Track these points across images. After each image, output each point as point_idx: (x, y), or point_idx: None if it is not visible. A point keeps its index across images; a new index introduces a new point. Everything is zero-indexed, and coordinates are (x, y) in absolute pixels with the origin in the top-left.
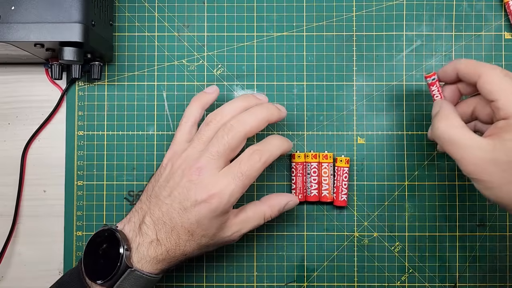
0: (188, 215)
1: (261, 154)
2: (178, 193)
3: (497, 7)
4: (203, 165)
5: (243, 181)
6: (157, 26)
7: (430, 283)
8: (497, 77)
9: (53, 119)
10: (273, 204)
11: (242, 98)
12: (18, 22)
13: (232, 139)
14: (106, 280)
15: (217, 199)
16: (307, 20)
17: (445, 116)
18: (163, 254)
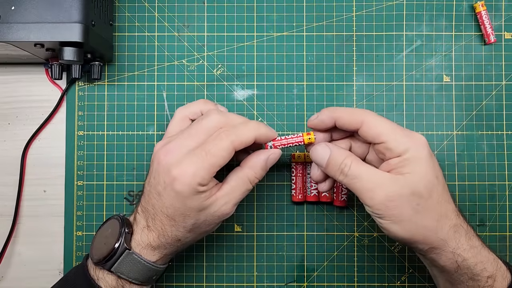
0: (163, 199)
1: (228, 133)
2: (153, 177)
3: (497, 7)
4: (171, 147)
5: (207, 160)
6: (157, 26)
7: (430, 283)
8: (380, 122)
9: (53, 119)
10: (253, 164)
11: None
12: (18, 22)
13: (207, 120)
14: (106, 260)
15: (179, 181)
16: (307, 20)
17: (343, 156)
18: (155, 240)
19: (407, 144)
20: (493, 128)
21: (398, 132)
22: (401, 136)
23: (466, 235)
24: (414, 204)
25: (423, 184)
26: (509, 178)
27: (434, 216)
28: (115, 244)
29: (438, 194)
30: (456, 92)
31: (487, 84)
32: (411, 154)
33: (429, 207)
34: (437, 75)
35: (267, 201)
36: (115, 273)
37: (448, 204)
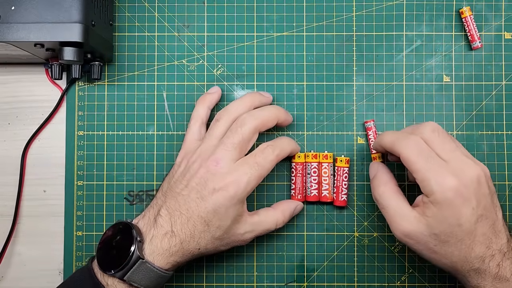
0: (206, 204)
1: (273, 147)
2: (196, 183)
3: (497, 7)
4: (220, 157)
5: (259, 171)
6: (157, 26)
7: (430, 283)
8: (413, 156)
9: (53, 119)
10: (284, 209)
11: (248, 95)
12: (18, 22)
13: (245, 130)
14: (118, 270)
15: (234, 186)
16: (307, 20)
17: (382, 182)
18: (177, 245)
19: (434, 187)
20: (493, 128)
21: (430, 171)
22: (431, 177)
23: (493, 279)
24: (432, 245)
25: (441, 229)
26: (509, 178)
27: (452, 258)
28: (128, 253)
29: (457, 240)
30: (456, 92)
31: (487, 84)
32: (434, 198)
33: (446, 251)
34: (437, 75)
35: (267, 201)
36: (127, 281)
37: (470, 250)
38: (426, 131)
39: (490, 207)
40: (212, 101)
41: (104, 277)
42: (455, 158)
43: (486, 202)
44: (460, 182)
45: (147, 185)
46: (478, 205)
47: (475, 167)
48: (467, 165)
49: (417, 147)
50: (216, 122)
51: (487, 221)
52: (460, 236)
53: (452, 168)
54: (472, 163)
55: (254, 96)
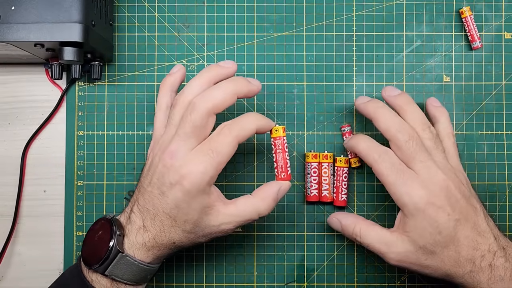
0: (167, 200)
1: (231, 128)
2: (157, 179)
3: (497, 7)
4: (174, 148)
5: (214, 158)
6: (157, 26)
7: (430, 283)
8: (385, 170)
9: (53, 119)
10: (265, 195)
11: (204, 71)
12: (18, 22)
13: (196, 116)
14: (99, 264)
15: (189, 180)
16: (307, 20)
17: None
18: (151, 241)
19: (405, 199)
20: (493, 128)
21: (401, 185)
22: (402, 190)
23: (488, 280)
24: (423, 260)
25: (424, 241)
26: (509, 178)
27: (444, 267)
28: (107, 247)
29: (443, 248)
30: (456, 92)
31: (487, 84)
32: (408, 210)
33: (436, 261)
34: (437, 75)
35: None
36: (109, 276)
37: (458, 254)
38: (403, 138)
39: (467, 210)
40: (174, 83)
41: (89, 273)
42: (424, 168)
43: (460, 207)
44: (429, 192)
45: None
46: (453, 210)
47: (443, 177)
48: (436, 175)
49: (389, 161)
50: (173, 109)
51: (466, 224)
52: (444, 243)
53: (422, 179)
54: (440, 173)
55: (211, 70)
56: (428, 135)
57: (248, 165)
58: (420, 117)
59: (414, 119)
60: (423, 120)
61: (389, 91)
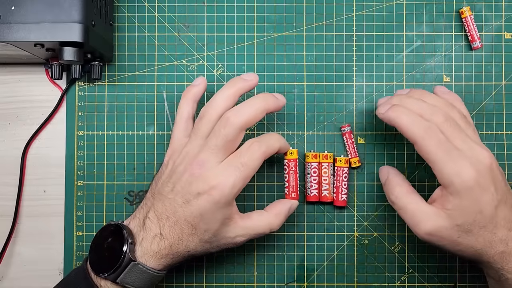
0: (191, 208)
1: (260, 144)
2: (181, 187)
3: (497, 7)
4: (204, 159)
5: (244, 171)
6: (157, 26)
7: (430, 283)
8: (432, 147)
9: (53, 119)
10: (278, 212)
11: (230, 85)
12: (18, 22)
13: (229, 131)
14: (110, 272)
15: (218, 190)
16: (307, 20)
17: (396, 184)
18: (166, 248)
19: (453, 178)
20: (493, 128)
21: (448, 162)
22: (449, 168)
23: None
24: (456, 237)
25: (463, 219)
26: (509, 178)
27: (476, 246)
28: (119, 256)
29: (480, 227)
30: (456, 92)
31: (487, 84)
32: (454, 189)
33: (470, 240)
34: (437, 75)
35: (267, 201)
36: (120, 284)
37: (493, 235)
38: (439, 119)
39: (506, 190)
40: (196, 94)
41: (97, 279)
42: (469, 148)
43: (502, 187)
44: (477, 171)
45: (147, 185)
46: (496, 190)
47: (488, 155)
48: (481, 154)
49: (436, 137)
50: (200, 120)
51: (505, 205)
52: (483, 223)
53: (468, 158)
54: (485, 151)
55: (236, 84)
56: (457, 115)
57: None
58: (442, 100)
59: (438, 104)
60: (447, 103)
61: (400, 92)
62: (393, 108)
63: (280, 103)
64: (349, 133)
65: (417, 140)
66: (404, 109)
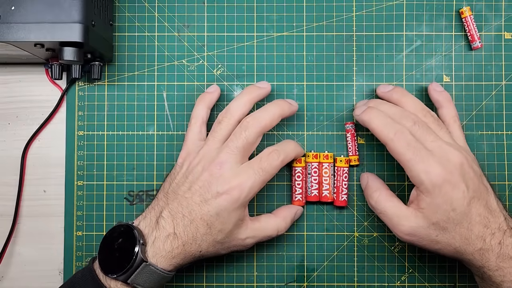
0: (209, 207)
1: (279, 153)
2: (199, 186)
3: (497, 7)
4: (224, 160)
5: (263, 176)
6: (157, 26)
7: (430, 283)
8: (402, 148)
9: (53, 119)
10: (286, 215)
11: (246, 92)
12: (18, 22)
13: (250, 134)
14: (121, 273)
15: (238, 191)
16: (307, 20)
17: (374, 189)
18: (179, 247)
19: (422, 176)
20: (493, 128)
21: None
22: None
23: (497, 258)
24: (434, 236)
25: (437, 217)
26: (509, 178)
27: (455, 244)
28: (131, 256)
29: (455, 225)
30: (456, 92)
31: (487, 84)
32: (425, 187)
33: (447, 238)
34: (437, 75)
35: (267, 201)
36: (130, 284)
37: (469, 232)
38: (408, 123)
39: (480, 188)
40: (211, 100)
41: (106, 280)
42: (437, 147)
43: (474, 184)
44: (445, 169)
45: (147, 185)
46: (468, 188)
47: (457, 154)
48: (450, 153)
49: (405, 139)
50: (219, 124)
51: (479, 201)
52: (457, 220)
53: (437, 157)
54: (454, 151)
55: (252, 91)
56: (430, 118)
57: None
58: (418, 104)
59: (413, 108)
60: (422, 107)
61: (383, 88)
62: (366, 111)
63: (294, 109)
64: (352, 131)
65: (387, 142)
66: (377, 112)
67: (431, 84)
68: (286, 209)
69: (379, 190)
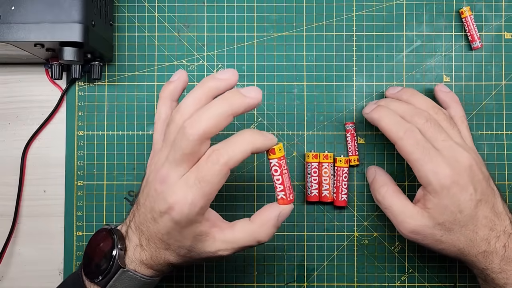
0: (158, 226)
1: (219, 155)
2: (149, 202)
3: (497, 7)
4: (165, 174)
5: (202, 188)
6: (157, 26)
7: (430, 283)
8: (410, 147)
9: (53, 119)
10: (264, 221)
11: (200, 84)
12: (18, 22)
13: (186, 144)
14: (100, 279)
15: (177, 211)
16: (307, 20)
17: (382, 183)
18: (148, 259)
19: (430, 177)
20: (493, 128)
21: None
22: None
23: (501, 261)
24: (439, 236)
25: (444, 218)
26: (509, 178)
27: (459, 245)
28: (108, 262)
29: (461, 226)
30: (456, 92)
31: (487, 84)
32: (432, 188)
33: (452, 239)
34: (437, 75)
35: (267, 201)
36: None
37: (475, 234)
38: (420, 121)
39: (487, 191)
40: (174, 92)
41: (90, 285)
42: (448, 147)
43: (482, 187)
44: (454, 171)
45: None
46: (475, 190)
47: (467, 156)
48: (460, 154)
49: (414, 138)
50: (168, 128)
51: (486, 204)
52: (463, 222)
53: (447, 158)
54: (464, 152)
55: (207, 84)
56: (442, 116)
57: (249, 185)
58: (429, 102)
59: (424, 106)
60: (433, 104)
61: (392, 90)
62: (376, 109)
63: (250, 101)
64: (352, 131)
65: (396, 141)
66: (387, 110)
67: (438, 85)
68: (266, 212)
69: (386, 185)
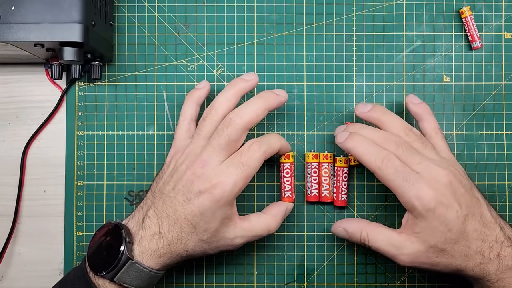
0: (192, 207)
1: (260, 144)
2: (182, 185)
3: (497, 7)
4: (206, 158)
5: (245, 170)
6: (157, 26)
7: (430, 283)
8: (390, 175)
9: (53, 119)
10: (275, 213)
11: (231, 85)
12: (18, 22)
13: (232, 131)
14: (108, 271)
15: (220, 189)
16: (307, 20)
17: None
18: (165, 247)
19: (414, 202)
20: (493, 128)
21: (408, 188)
22: (410, 193)
23: (496, 270)
24: (434, 258)
25: (435, 240)
26: (509, 178)
27: (455, 262)
28: (117, 254)
29: (453, 244)
30: (456, 92)
31: (487, 84)
32: (418, 212)
33: (447, 258)
34: (437, 75)
35: (267, 201)
36: (117, 282)
37: (468, 248)
38: (391, 148)
39: (472, 202)
40: (200, 97)
41: (96, 278)
42: (424, 169)
43: (466, 200)
44: (437, 192)
45: (147, 185)
46: (460, 206)
47: (444, 173)
48: (438, 173)
49: (392, 166)
50: (203, 122)
51: (474, 217)
52: (455, 240)
53: (426, 180)
54: (440, 170)
55: (237, 85)
56: (413, 137)
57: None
58: (399, 123)
59: (394, 127)
60: (404, 125)
61: (361, 108)
62: (350, 138)
63: (281, 99)
64: None
65: (375, 171)
66: (360, 138)
67: (408, 96)
68: (276, 207)
69: (363, 229)
